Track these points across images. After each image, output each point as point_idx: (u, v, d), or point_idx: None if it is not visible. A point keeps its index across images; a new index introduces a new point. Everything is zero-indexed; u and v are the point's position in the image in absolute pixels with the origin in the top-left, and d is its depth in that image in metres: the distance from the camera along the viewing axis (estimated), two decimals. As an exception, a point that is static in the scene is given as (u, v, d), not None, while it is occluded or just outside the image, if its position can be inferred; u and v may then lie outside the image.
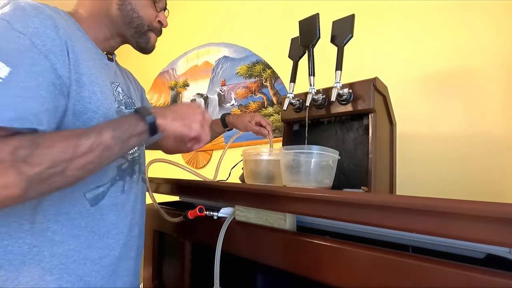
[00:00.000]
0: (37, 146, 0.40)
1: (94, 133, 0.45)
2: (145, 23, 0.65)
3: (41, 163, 0.40)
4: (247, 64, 1.64)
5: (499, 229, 0.36)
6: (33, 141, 0.40)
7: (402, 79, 1.07)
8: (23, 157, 0.39)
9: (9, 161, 0.38)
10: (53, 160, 0.41)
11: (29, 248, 0.51)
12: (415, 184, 0.99)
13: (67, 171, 0.42)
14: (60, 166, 0.41)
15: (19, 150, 0.39)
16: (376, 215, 0.46)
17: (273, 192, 0.60)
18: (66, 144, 0.42)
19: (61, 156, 0.41)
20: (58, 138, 0.43)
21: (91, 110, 0.54)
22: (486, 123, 0.91)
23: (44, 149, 0.40)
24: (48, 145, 0.41)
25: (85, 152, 0.43)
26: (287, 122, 0.91)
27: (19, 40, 0.45)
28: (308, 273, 0.54)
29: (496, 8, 0.91)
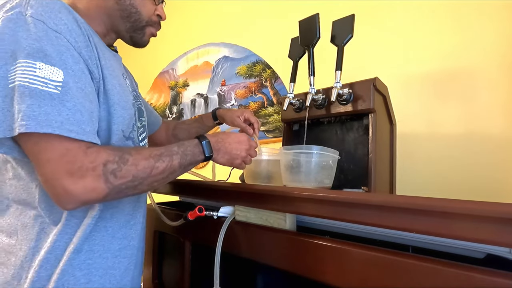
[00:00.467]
0: (124, 163, 0.47)
1: (167, 158, 0.52)
2: (144, 18, 0.63)
3: (126, 176, 0.47)
4: (247, 64, 1.63)
5: (499, 229, 0.36)
6: (121, 157, 0.47)
7: (402, 79, 1.07)
8: (112, 170, 0.45)
9: (101, 170, 0.44)
10: (134, 176, 0.48)
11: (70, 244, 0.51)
12: (415, 184, 0.99)
13: (140, 186, 0.49)
14: (137, 182, 0.48)
15: (110, 163, 0.45)
16: (376, 215, 0.46)
17: (273, 192, 0.60)
18: (146, 165, 0.49)
19: (141, 174, 0.48)
20: (141, 157, 0.49)
21: (115, 103, 0.54)
22: (486, 123, 0.91)
23: (130, 166, 0.47)
24: (133, 162, 0.48)
25: (158, 174, 0.51)
26: (287, 122, 0.91)
27: (57, 40, 0.45)
28: (308, 273, 0.54)
29: (496, 8, 0.91)
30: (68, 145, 0.43)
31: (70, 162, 0.43)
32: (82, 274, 0.52)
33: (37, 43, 0.43)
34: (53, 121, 0.42)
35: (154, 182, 0.51)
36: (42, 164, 0.43)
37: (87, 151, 0.44)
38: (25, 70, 0.42)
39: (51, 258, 0.50)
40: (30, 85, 0.42)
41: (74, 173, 0.43)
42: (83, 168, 0.43)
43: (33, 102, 0.42)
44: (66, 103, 0.44)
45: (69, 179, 0.42)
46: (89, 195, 0.44)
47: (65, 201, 0.44)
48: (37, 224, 0.50)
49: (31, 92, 0.42)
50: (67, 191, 0.42)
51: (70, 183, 0.42)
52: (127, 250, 0.59)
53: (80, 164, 0.43)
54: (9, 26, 0.43)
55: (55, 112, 0.43)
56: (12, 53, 0.43)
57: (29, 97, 0.41)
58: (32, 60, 0.42)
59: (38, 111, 0.42)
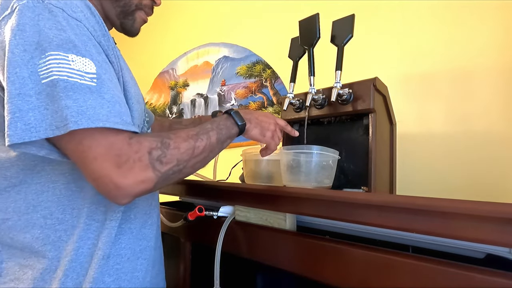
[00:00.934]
0: (167, 147, 0.45)
1: (205, 136, 0.51)
2: (133, 2, 0.60)
3: (171, 161, 0.45)
4: (247, 64, 1.63)
5: (499, 229, 0.36)
6: (163, 142, 0.45)
7: (402, 79, 1.07)
8: (157, 157, 0.44)
9: (148, 159, 0.43)
10: (179, 160, 0.46)
11: (95, 250, 0.49)
12: (415, 184, 0.99)
13: (185, 169, 0.48)
14: (182, 165, 0.47)
15: (154, 151, 0.44)
16: (376, 215, 0.46)
17: (273, 192, 0.60)
18: (188, 147, 0.48)
19: (184, 157, 0.47)
20: (181, 140, 0.48)
21: (133, 96, 0.52)
22: (486, 123, 0.91)
23: (172, 150, 0.46)
24: (175, 146, 0.47)
25: (199, 154, 0.50)
26: (287, 122, 0.91)
27: (79, 29, 0.43)
28: (308, 273, 0.54)
29: (495, 8, 0.91)
30: (112, 138, 0.42)
31: (117, 156, 0.41)
32: (111, 280, 0.51)
33: (63, 33, 0.41)
34: (100, 114, 0.40)
35: (197, 163, 0.50)
36: (89, 162, 0.41)
37: (130, 142, 0.43)
38: (60, 63, 0.39)
39: (76, 267, 0.48)
40: (69, 79, 0.39)
41: (122, 167, 0.41)
42: (130, 160, 0.42)
43: (78, 97, 0.39)
44: (104, 95, 0.42)
45: (118, 173, 0.41)
46: (140, 186, 0.43)
47: (119, 197, 0.42)
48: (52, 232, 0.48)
49: (73, 86, 0.39)
50: (119, 186, 0.41)
51: (121, 177, 0.41)
52: (147, 251, 0.58)
53: (126, 157, 0.42)
54: (28, 16, 0.40)
55: (99, 106, 0.41)
56: (37, 45, 0.40)
57: (72, 92, 0.39)
58: (63, 52, 0.40)
59: (85, 105, 0.39)
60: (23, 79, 0.39)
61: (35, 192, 0.47)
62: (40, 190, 0.47)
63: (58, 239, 0.47)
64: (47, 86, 0.39)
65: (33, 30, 0.40)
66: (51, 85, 0.39)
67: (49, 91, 0.39)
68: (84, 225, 0.49)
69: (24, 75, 0.39)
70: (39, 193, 0.47)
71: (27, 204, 0.47)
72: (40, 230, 0.47)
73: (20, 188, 0.47)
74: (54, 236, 0.47)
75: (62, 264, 0.47)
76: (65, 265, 0.47)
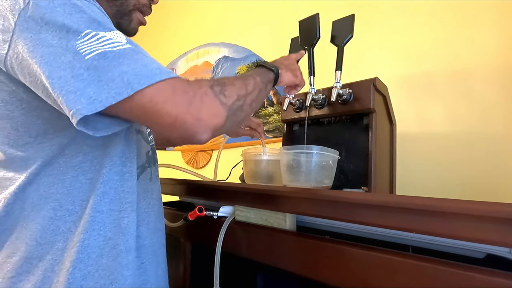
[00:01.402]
0: (224, 84, 0.47)
1: (250, 77, 0.54)
2: (131, 2, 0.59)
3: (232, 96, 0.47)
4: (247, 64, 1.63)
5: (499, 229, 0.36)
6: (218, 80, 0.47)
7: (402, 79, 1.07)
8: (220, 91, 0.46)
9: (212, 93, 0.45)
10: (238, 94, 0.49)
11: (105, 241, 0.50)
12: (415, 184, 0.99)
13: (245, 106, 0.50)
14: (242, 100, 0.49)
15: (214, 86, 0.46)
16: (376, 215, 0.46)
17: (273, 192, 0.60)
18: (240, 84, 0.51)
19: (241, 92, 0.50)
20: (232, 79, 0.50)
21: None
22: (486, 122, 0.91)
23: (230, 86, 0.48)
24: (230, 82, 0.49)
25: (252, 90, 0.52)
26: (287, 122, 0.91)
27: (93, 7, 0.44)
28: (308, 273, 0.54)
29: (495, 8, 0.91)
30: (172, 82, 0.43)
31: (185, 93, 0.43)
32: (129, 273, 0.52)
33: (84, 14, 0.42)
34: (153, 69, 0.42)
35: (253, 101, 0.52)
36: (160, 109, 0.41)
37: (189, 81, 0.45)
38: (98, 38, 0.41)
39: (84, 258, 0.48)
40: (114, 49, 0.41)
41: (193, 102, 0.43)
42: (198, 94, 0.43)
43: (129, 61, 0.41)
44: (145, 53, 0.44)
45: (193, 108, 0.42)
46: (215, 120, 0.44)
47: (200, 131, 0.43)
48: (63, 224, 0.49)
49: (120, 54, 0.41)
50: (198, 118, 0.42)
51: (196, 111, 0.42)
52: (143, 248, 0.58)
53: (193, 93, 0.43)
54: (43, 5, 0.41)
55: (149, 62, 0.43)
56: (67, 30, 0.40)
57: (122, 58, 0.41)
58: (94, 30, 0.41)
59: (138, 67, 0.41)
60: (70, 63, 0.40)
61: (47, 184, 0.48)
62: (51, 182, 0.48)
63: (67, 230, 0.48)
64: (94, 60, 0.40)
65: (53, 16, 0.40)
66: (97, 58, 0.40)
67: (97, 64, 0.40)
68: (89, 216, 0.49)
69: (69, 59, 0.40)
70: (50, 185, 0.48)
71: (39, 195, 0.48)
72: (51, 222, 0.48)
73: (33, 180, 0.48)
74: (64, 227, 0.48)
75: (70, 255, 0.48)
76: (72, 256, 0.48)
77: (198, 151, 1.87)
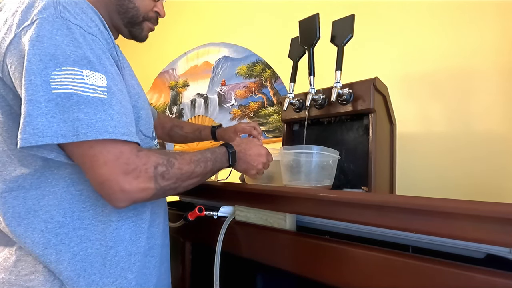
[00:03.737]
0: (171, 166, 0.50)
1: (203, 164, 0.56)
2: (141, 14, 0.63)
3: (171, 179, 0.50)
4: (247, 64, 1.63)
5: (499, 229, 0.36)
6: (169, 161, 0.50)
7: (402, 79, 1.07)
8: (162, 172, 0.48)
9: (152, 172, 0.47)
10: (177, 178, 0.51)
11: (106, 250, 0.51)
12: (415, 184, 0.99)
13: (179, 188, 0.53)
14: (178, 184, 0.52)
15: (159, 166, 0.48)
16: (376, 215, 0.46)
17: (273, 192, 0.60)
18: (188, 170, 0.53)
19: (183, 178, 0.52)
20: (185, 162, 0.53)
21: (132, 105, 0.53)
22: (485, 123, 0.91)
23: (176, 170, 0.51)
24: (179, 166, 0.51)
25: (194, 177, 0.55)
26: (287, 122, 0.91)
27: (95, 44, 0.46)
28: (308, 273, 0.54)
29: (495, 8, 0.91)
30: (121, 148, 0.45)
31: (126, 164, 0.45)
32: (133, 276, 0.53)
33: (79, 50, 0.44)
34: (108, 126, 0.44)
35: (190, 184, 0.55)
36: (98, 166, 0.44)
37: (138, 154, 0.47)
38: (75, 78, 0.43)
39: (87, 267, 0.49)
40: (83, 94, 0.43)
41: (129, 174, 0.45)
42: (137, 170, 0.46)
43: (89, 110, 0.43)
44: (114, 107, 0.45)
45: (125, 179, 0.45)
46: (140, 194, 0.47)
47: (120, 200, 0.45)
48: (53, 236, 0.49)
49: (85, 100, 0.43)
50: (124, 190, 0.45)
51: (126, 183, 0.45)
52: (154, 249, 0.60)
53: (134, 166, 0.46)
54: (47, 29, 0.43)
55: (108, 118, 0.44)
56: (52, 57, 0.42)
57: (84, 105, 0.42)
58: (78, 68, 0.43)
59: (95, 118, 0.43)
60: (36, 86, 0.41)
61: (36, 197, 0.48)
62: (40, 195, 0.48)
63: (59, 243, 0.48)
64: (58, 96, 0.42)
65: (49, 43, 0.42)
66: (63, 96, 0.42)
67: (60, 101, 0.42)
68: (90, 226, 0.50)
69: (37, 82, 0.41)
70: (40, 198, 0.48)
71: (27, 209, 0.47)
72: (41, 235, 0.47)
73: (18, 193, 0.47)
74: (55, 240, 0.48)
75: (70, 266, 0.48)
76: (74, 265, 0.48)
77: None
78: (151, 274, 0.58)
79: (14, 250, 0.48)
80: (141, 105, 0.56)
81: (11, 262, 0.48)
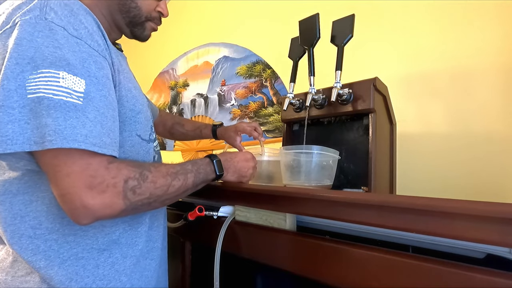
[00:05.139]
0: (144, 180, 0.46)
1: (183, 177, 0.52)
2: (143, 14, 0.61)
3: (144, 194, 0.46)
4: (247, 64, 1.63)
5: (499, 229, 0.36)
6: (141, 174, 0.46)
7: (402, 79, 1.07)
8: (132, 187, 0.45)
9: (122, 187, 0.44)
10: (151, 194, 0.47)
11: (99, 252, 0.50)
12: (415, 183, 0.99)
13: (154, 203, 0.49)
14: (152, 199, 0.47)
15: (130, 180, 0.45)
16: (376, 215, 0.46)
17: (273, 192, 0.60)
18: (164, 183, 0.49)
19: (158, 192, 0.48)
20: (160, 175, 0.48)
21: (128, 108, 0.52)
22: (485, 123, 0.91)
23: (149, 183, 0.47)
24: (152, 180, 0.47)
25: (173, 192, 0.50)
26: (287, 122, 0.91)
27: (79, 47, 0.44)
28: (308, 273, 0.54)
29: (496, 8, 0.91)
30: (89, 159, 0.42)
31: (91, 177, 0.41)
32: (126, 279, 0.53)
33: (59, 51, 0.41)
34: (78, 135, 0.41)
35: (167, 199, 0.51)
36: (60, 177, 0.41)
37: (108, 166, 0.43)
38: (49, 80, 0.40)
39: (79, 270, 0.49)
40: (54, 97, 0.40)
41: (94, 188, 0.41)
42: (104, 184, 0.42)
43: (59, 116, 0.40)
44: (88, 114, 0.42)
45: (88, 193, 0.41)
46: (105, 210, 0.43)
47: (81, 216, 0.42)
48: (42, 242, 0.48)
49: (56, 104, 0.40)
50: (85, 206, 0.41)
51: (89, 198, 0.41)
52: (154, 251, 0.60)
53: (101, 180, 0.42)
54: (28, 31, 0.41)
55: (80, 125, 0.41)
56: (30, 60, 0.40)
57: (54, 110, 0.40)
58: (55, 69, 0.41)
59: (64, 125, 0.40)
60: (9, 92, 0.39)
61: (23, 203, 0.46)
62: (28, 200, 0.46)
63: (48, 249, 0.47)
64: (32, 101, 0.40)
65: (29, 45, 0.41)
66: (36, 101, 0.40)
67: (33, 106, 0.40)
68: (80, 231, 0.49)
69: (11, 87, 0.40)
70: (27, 204, 0.46)
71: (14, 214, 0.46)
72: (29, 241, 0.46)
73: (4, 198, 0.46)
74: (44, 246, 0.47)
75: (61, 270, 0.47)
76: (66, 269, 0.47)
77: (198, 151, 1.87)
78: (151, 276, 0.58)
79: (11, 251, 0.48)
80: (138, 109, 0.55)
81: (8, 262, 0.47)
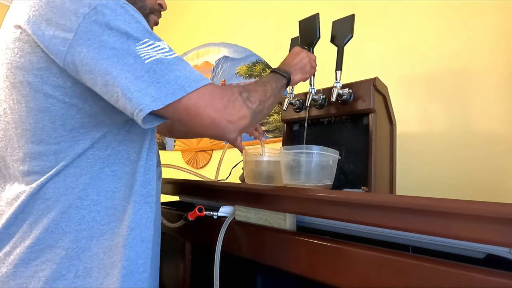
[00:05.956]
0: (249, 91, 0.54)
1: (268, 84, 0.60)
2: (147, 5, 0.64)
3: (256, 101, 0.54)
4: (247, 64, 1.63)
5: (499, 229, 0.36)
6: (244, 87, 0.55)
7: (402, 79, 1.07)
8: (247, 97, 0.53)
9: (241, 99, 0.52)
10: (260, 99, 0.55)
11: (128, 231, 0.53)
12: (415, 184, 0.99)
13: (264, 109, 0.57)
14: (262, 105, 0.56)
15: (243, 92, 0.53)
16: (376, 215, 0.46)
17: (273, 192, 0.60)
18: (262, 90, 0.57)
19: (262, 98, 0.56)
20: (255, 85, 0.58)
21: None
22: (485, 123, 0.91)
23: (254, 92, 0.55)
24: (254, 89, 0.56)
25: (270, 96, 0.59)
26: (287, 122, 0.91)
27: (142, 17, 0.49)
28: (308, 273, 0.54)
29: (494, 8, 0.91)
30: (211, 88, 0.49)
31: (221, 98, 0.49)
32: (142, 262, 0.55)
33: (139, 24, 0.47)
34: (198, 75, 0.48)
35: (270, 105, 0.59)
36: (203, 110, 0.48)
37: (222, 87, 0.51)
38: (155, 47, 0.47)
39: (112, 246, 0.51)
40: (168, 57, 0.47)
41: (228, 106, 0.49)
42: (231, 100, 0.50)
43: (180, 68, 0.47)
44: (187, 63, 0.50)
45: (227, 112, 0.49)
46: (243, 121, 0.51)
47: (231, 131, 0.50)
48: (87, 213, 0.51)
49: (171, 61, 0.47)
50: (231, 121, 0.49)
51: (229, 114, 0.49)
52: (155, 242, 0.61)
53: (227, 98, 0.50)
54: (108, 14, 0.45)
55: (193, 70, 0.49)
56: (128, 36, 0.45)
57: (175, 65, 0.47)
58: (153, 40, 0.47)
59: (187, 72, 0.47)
60: (132, 65, 0.45)
61: (74, 175, 0.50)
62: (79, 173, 0.51)
63: (92, 220, 0.51)
64: (152, 64, 0.46)
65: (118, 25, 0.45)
66: (155, 63, 0.46)
67: (155, 68, 0.46)
68: (119, 206, 0.53)
69: (131, 61, 0.45)
70: (78, 176, 0.50)
71: (66, 186, 0.50)
72: (76, 211, 0.50)
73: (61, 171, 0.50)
74: (88, 217, 0.50)
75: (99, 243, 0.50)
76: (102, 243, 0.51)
77: (198, 151, 1.87)
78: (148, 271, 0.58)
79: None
80: None
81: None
